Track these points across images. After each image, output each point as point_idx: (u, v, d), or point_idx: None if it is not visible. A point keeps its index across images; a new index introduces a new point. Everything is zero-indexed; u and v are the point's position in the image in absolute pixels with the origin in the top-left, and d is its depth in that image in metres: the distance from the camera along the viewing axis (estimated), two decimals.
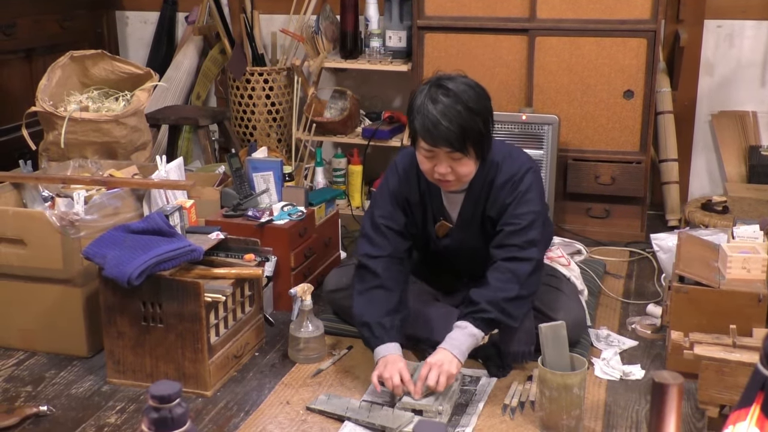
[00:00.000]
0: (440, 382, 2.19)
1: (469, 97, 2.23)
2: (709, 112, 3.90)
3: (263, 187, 3.03)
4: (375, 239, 2.43)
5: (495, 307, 2.27)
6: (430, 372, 2.20)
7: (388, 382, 2.23)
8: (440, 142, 2.21)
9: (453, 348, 2.25)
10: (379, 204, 2.47)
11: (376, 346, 2.33)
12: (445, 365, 2.20)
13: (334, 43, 3.95)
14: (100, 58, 3.45)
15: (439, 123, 2.19)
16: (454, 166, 2.26)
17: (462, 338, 2.27)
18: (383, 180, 2.51)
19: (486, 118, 2.26)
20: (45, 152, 3.30)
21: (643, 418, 2.23)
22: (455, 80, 2.26)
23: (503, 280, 2.30)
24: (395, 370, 2.23)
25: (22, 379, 2.48)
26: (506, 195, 2.37)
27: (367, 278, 2.40)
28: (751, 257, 2.43)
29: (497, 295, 2.28)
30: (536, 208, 2.36)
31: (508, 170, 2.38)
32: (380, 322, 2.33)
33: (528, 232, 2.34)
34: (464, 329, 2.28)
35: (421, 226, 2.50)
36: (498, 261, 2.34)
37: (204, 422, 2.24)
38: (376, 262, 2.40)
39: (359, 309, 2.38)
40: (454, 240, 2.50)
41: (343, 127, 3.89)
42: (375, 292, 2.38)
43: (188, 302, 2.30)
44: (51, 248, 2.50)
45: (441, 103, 2.21)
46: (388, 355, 2.28)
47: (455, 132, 2.19)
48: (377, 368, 2.27)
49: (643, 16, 3.38)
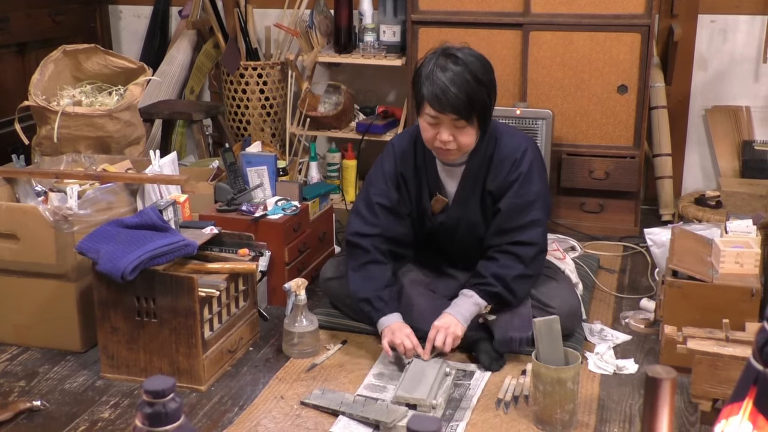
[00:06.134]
0: (447, 342, 2.35)
1: (477, 68, 2.30)
2: (703, 107, 3.91)
3: (257, 181, 3.02)
4: (367, 217, 2.49)
5: (500, 282, 2.39)
6: (437, 334, 2.35)
7: (400, 347, 2.36)
8: (447, 109, 2.27)
9: (457, 313, 2.39)
10: (374, 182, 2.52)
11: (378, 319, 2.43)
12: (451, 327, 2.36)
13: (328, 38, 3.95)
14: (93, 53, 3.43)
15: (447, 90, 2.25)
16: (457, 134, 2.32)
17: (466, 305, 2.40)
18: (378, 159, 2.57)
19: (491, 90, 2.34)
20: (38, 147, 3.29)
21: (636, 412, 2.24)
22: (463, 50, 2.33)
23: (509, 259, 2.41)
24: (403, 335, 2.37)
25: (16, 374, 2.47)
26: (507, 171, 2.42)
27: (358, 255, 2.48)
28: (744, 252, 2.43)
29: (503, 271, 2.39)
30: (537, 187, 2.43)
31: (507, 145, 2.44)
32: (379, 296, 2.44)
33: (530, 211, 2.40)
34: (470, 297, 2.40)
35: (416, 202, 2.53)
36: (503, 245, 2.41)
37: (198, 417, 2.24)
38: (366, 239, 2.47)
39: (356, 285, 2.47)
40: (450, 216, 2.53)
41: (337, 122, 3.88)
42: (369, 267, 2.47)
43: (182, 297, 2.30)
44: (44, 243, 2.49)
45: (450, 71, 2.27)
46: (393, 323, 2.41)
47: (463, 100, 2.26)
48: (385, 336, 2.40)
49: (637, 11, 3.38)
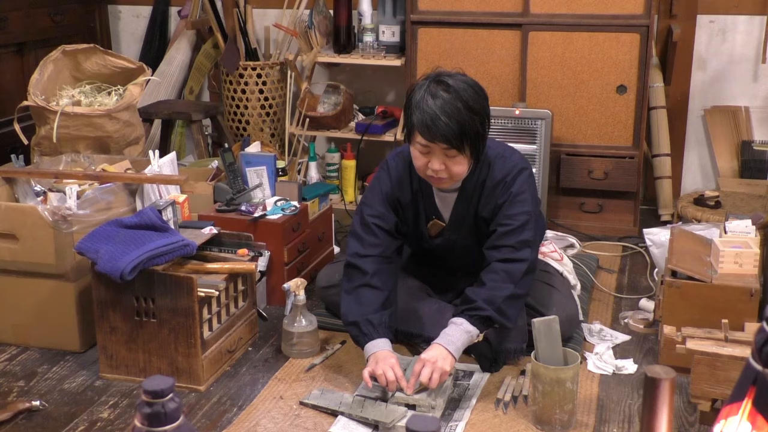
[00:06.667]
0: (433, 379, 2.18)
1: (469, 96, 2.21)
2: (702, 107, 3.91)
3: (256, 181, 3.02)
4: (365, 238, 2.40)
5: (491, 305, 2.26)
6: (423, 368, 2.19)
7: (381, 379, 2.21)
8: (438, 138, 2.19)
9: (448, 344, 2.23)
10: (370, 203, 2.44)
11: (365, 343, 2.31)
12: (438, 362, 2.19)
13: (328, 38, 3.95)
14: (93, 53, 3.43)
15: (438, 118, 2.17)
16: (448, 163, 2.25)
17: (457, 334, 2.26)
18: (374, 179, 2.49)
19: (483, 118, 2.25)
20: (37, 147, 3.29)
21: (635, 412, 2.24)
22: (455, 77, 2.24)
23: (498, 279, 2.29)
24: (387, 366, 2.22)
25: (15, 374, 2.47)
26: (499, 195, 2.36)
27: (355, 277, 2.38)
28: (743, 252, 2.43)
29: (493, 293, 2.27)
30: (529, 208, 2.35)
31: (500, 170, 2.36)
32: (368, 319, 2.31)
33: (521, 232, 2.33)
34: (459, 326, 2.27)
35: (413, 226, 2.49)
36: (492, 262, 2.33)
37: (197, 417, 2.24)
38: (366, 261, 2.38)
39: (346, 308, 2.37)
40: (446, 239, 2.50)
41: (336, 122, 3.88)
42: (362, 291, 2.36)
43: (181, 297, 2.29)
44: (43, 243, 2.49)
45: (441, 99, 2.19)
46: (379, 352, 2.27)
47: (454, 129, 2.18)
48: (369, 365, 2.26)
49: (636, 11, 3.39)
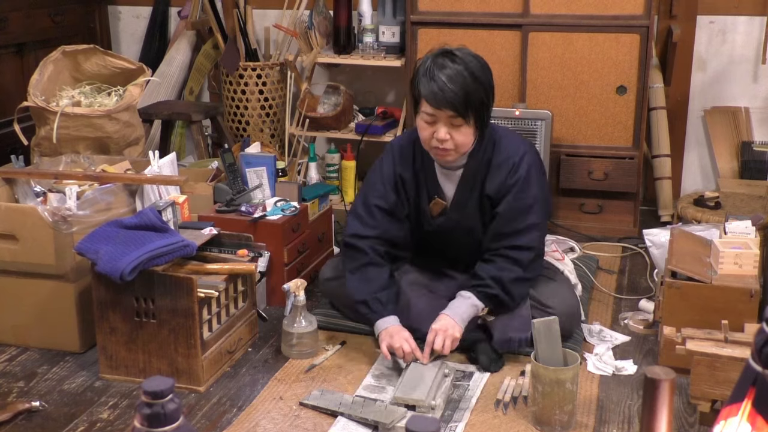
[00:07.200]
0: (446, 345, 2.33)
1: (475, 66, 2.32)
2: (702, 108, 3.91)
3: (256, 182, 3.02)
4: (365, 218, 2.49)
5: (498, 284, 2.38)
6: (436, 337, 2.33)
7: (399, 351, 2.34)
8: (444, 105, 2.27)
9: (455, 315, 2.37)
10: (372, 184, 2.52)
11: (375, 321, 2.42)
12: (449, 330, 2.33)
13: (328, 39, 3.95)
14: (93, 53, 3.43)
15: (445, 86, 2.26)
16: (453, 133, 2.32)
17: (464, 307, 2.39)
18: (377, 161, 2.57)
19: (488, 90, 2.35)
20: (37, 147, 3.29)
21: (635, 413, 2.24)
22: (461, 50, 2.36)
23: (507, 262, 2.40)
24: (402, 339, 2.35)
25: (15, 375, 2.47)
26: (505, 175, 2.42)
27: (356, 257, 2.48)
28: (743, 253, 2.43)
29: (501, 274, 2.38)
30: (535, 191, 2.42)
31: (506, 148, 2.44)
32: (377, 297, 2.43)
33: (528, 216, 2.41)
34: (467, 299, 2.39)
35: (414, 205, 2.53)
36: (501, 249, 2.41)
37: (197, 418, 2.24)
38: (364, 241, 2.47)
39: (353, 287, 2.47)
40: (449, 219, 2.52)
41: (336, 123, 3.88)
42: (367, 269, 2.46)
43: (181, 298, 2.30)
44: (43, 243, 2.49)
45: (448, 68, 2.28)
46: (391, 327, 2.39)
47: (460, 96, 2.26)
48: (383, 340, 2.38)
49: (636, 12, 3.39)
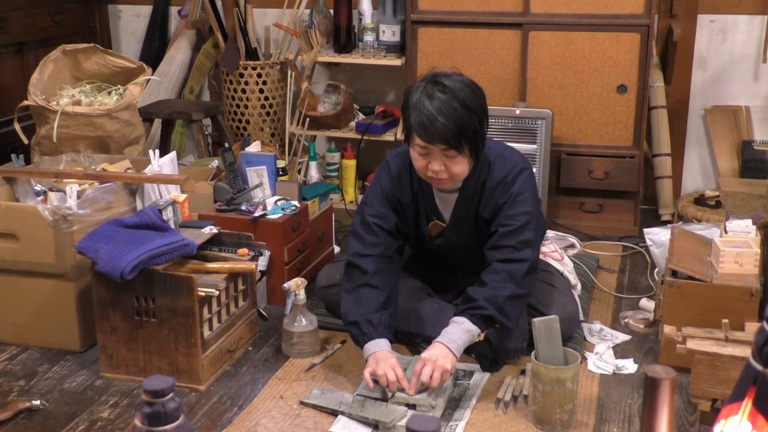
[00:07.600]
0: (434, 377, 2.17)
1: (466, 95, 2.21)
2: (702, 107, 3.91)
3: (257, 181, 3.02)
4: (365, 237, 2.40)
5: (492, 305, 2.25)
6: (424, 368, 2.18)
7: (382, 379, 2.20)
8: (436, 139, 2.19)
9: (449, 342, 2.22)
10: (371, 203, 2.44)
11: (364, 343, 2.31)
12: (439, 360, 2.18)
13: (328, 38, 3.95)
14: (93, 52, 3.43)
15: (435, 119, 2.17)
16: (448, 164, 2.24)
17: (458, 333, 2.25)
18: (375, 179, 2.49)
19: (481, 117, 2.24)
20: (37, 146, 3.29)
21: (635, 412, 2.24)
22: (451, 77, 2.24)
23: (499, 279, 2.29)
24: (388, 366, 2.21)
25: (15, 374, 2.47)
26: (499, 195, 2.36)
27: (355, 277, 2.38)
28: (744, 252, 2.43)
29: (494, 293, 2.26)
30: (529, 208, 2.35)
31: (500, 170, 2.36)
32: (368, 319, 2.31)
33: (522, 233, 2.32)
34: (461, 324, 2.26)
35: (413, 226, 2.49)
36: (494, 263, 2.32)
37: (197, 417, 2.24)
38: (366, 260, 2.38)
39: (346, 308, 2.36)
40: (446, 240, 2.49)
41: (336, 122, 3.88)
42: (362, 291, 2.35)
43: (182, 297, 2.29)
44: (43, 242, 2.49)
45: (437, 100, 2.18)
46: (378, 352, 2.26)
47: (451, 129, 2.17)
48: (369, 365, 2.25)
49: (637, 11, 3.38)
